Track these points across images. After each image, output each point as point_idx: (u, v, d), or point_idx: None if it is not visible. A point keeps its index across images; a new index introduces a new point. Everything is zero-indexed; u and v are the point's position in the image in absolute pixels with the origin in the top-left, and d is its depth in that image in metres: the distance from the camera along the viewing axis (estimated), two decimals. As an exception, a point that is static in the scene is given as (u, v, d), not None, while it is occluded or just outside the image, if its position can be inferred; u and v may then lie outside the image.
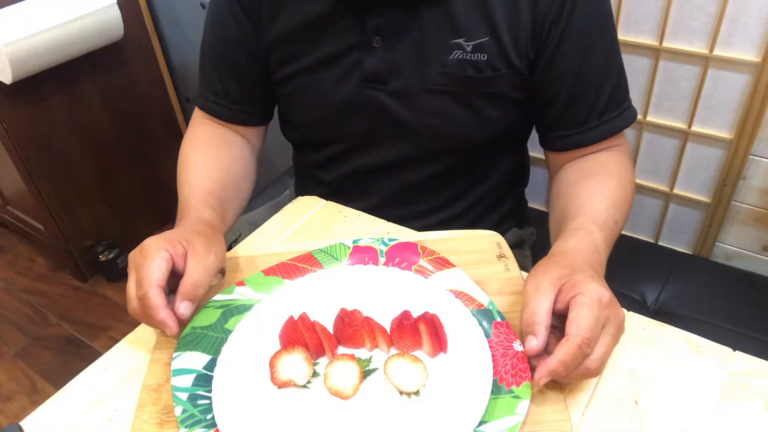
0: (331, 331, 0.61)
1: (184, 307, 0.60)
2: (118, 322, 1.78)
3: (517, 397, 0.54)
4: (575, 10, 0.71)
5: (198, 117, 0.89)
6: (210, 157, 0.82)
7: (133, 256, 0.63)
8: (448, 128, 0.79)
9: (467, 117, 0.78)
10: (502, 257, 0.71)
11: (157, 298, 0.58)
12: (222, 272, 0.68)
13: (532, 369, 0.55)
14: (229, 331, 0.62)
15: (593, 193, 0.72)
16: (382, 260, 0.70)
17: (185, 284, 0.60)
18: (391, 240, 0.72)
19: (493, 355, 0.57)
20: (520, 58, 0.73)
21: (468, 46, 0.73)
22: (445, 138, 0.80)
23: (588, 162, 0.78)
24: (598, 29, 0.74)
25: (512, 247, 0.89)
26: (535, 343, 0.54)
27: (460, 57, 0.74)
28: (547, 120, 0.80)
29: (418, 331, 0.59)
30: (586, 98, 0.75)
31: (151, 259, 0.59)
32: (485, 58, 0.73)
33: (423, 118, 0.79)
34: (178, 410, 0.55)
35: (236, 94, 0.86)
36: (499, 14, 0.71)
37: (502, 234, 0.76)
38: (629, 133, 1.22)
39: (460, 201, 0.90)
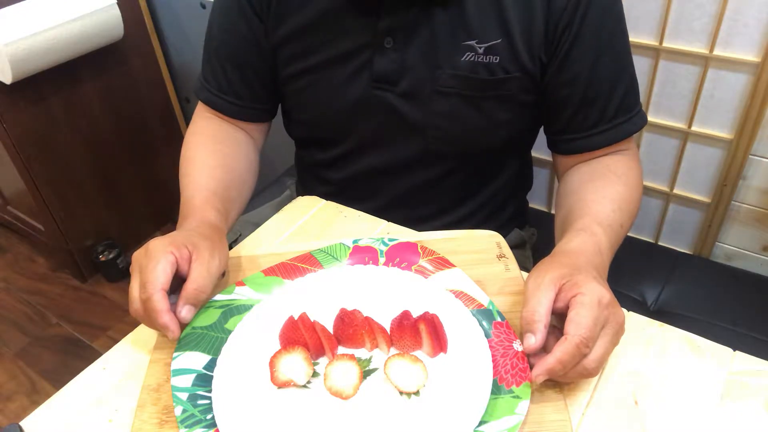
0: (331, 331, 0.61)
1: (186, 311, 0.60)
2: (118, 322, 1.78)
3: (517, 397, 0.54)
4: (588, 14, 0.70)
5: (202, 111, 0.88)
6: (214, 153, 0.82)
7: (138, 256, 0.62)
8: (458, 130, 0.78)
9: (477, 120, 0.77)
10: (502, 257, 0.71)
11: (161, 302, 0.58)
12: (223, 274, 0.68)
13: (532, 368, 0.55)
14: (229, 331, 0.62)
15: (600, 196, 0.72)
16: (382, 260, 0.70)
17: (189, 289, 0.60)
18: (391, 240, 0.72)
19: (493, 355, 0.57)
20: (532, 62, 0.73)
21: (480, 48, 0.72)
22: (455, 140, 0.80)
23: (596, 165, 0.77)
24: (611, 34, 0.73)
25: (513, 247, 0.89)
26: (533, 341, 0.54)
27: (472, 59, 0.73)
28: (556, 123, 0.79)
29: (418, 331, 0.59)
30: (596, 102, 0.75)
31: (156, 262, 0.59)
32: (497, 60, 0.72)
33: (433, 120, 0.78)
34: (178, 410, 0.55)
35: (242, 91, 0.85)
36: (513, 16, 0.70)
37: (504, 235, 0.76)
38: (629, 133, 1.21)
39: (465, 205, 0.90)
